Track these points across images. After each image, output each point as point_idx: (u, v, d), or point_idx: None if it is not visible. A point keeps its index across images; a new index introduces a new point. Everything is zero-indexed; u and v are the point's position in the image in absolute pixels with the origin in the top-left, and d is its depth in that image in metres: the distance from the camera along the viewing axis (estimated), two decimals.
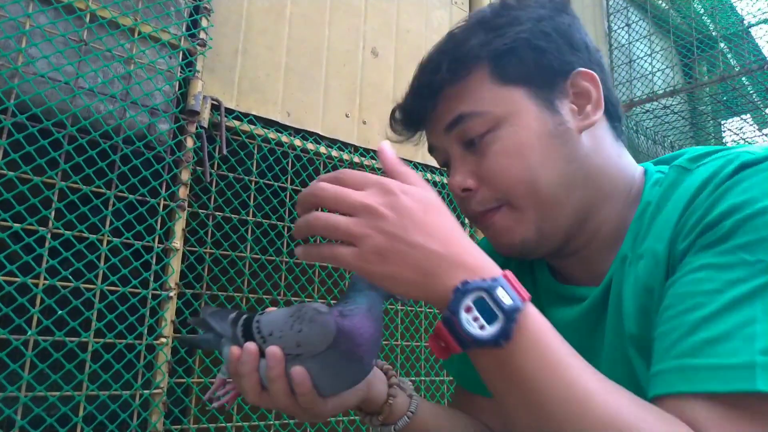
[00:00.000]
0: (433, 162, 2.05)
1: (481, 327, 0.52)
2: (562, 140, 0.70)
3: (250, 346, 0.66)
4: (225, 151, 1.48)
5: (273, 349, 0.64)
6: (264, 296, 1.55)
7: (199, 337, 0.79)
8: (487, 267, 0.55)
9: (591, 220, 0.73)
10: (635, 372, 0.66)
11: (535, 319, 0.54)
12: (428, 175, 2.03)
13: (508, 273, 0.55)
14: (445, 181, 2.08)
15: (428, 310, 1.94)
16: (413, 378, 1.86)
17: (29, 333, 1.14)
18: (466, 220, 2.05)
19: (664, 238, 0.64)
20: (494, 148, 0.70)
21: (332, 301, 1.20)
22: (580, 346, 0.72)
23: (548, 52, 0.71)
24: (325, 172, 1.71)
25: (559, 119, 0.71)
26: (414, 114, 0.78)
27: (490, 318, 0.52)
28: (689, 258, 0.60)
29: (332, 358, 0.63)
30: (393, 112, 0.81)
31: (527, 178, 0.69)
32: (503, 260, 0.89)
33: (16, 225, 1.14)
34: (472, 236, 2.10)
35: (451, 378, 1.94)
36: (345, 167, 1.79)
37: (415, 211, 0.55)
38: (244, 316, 0.72)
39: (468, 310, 0.53)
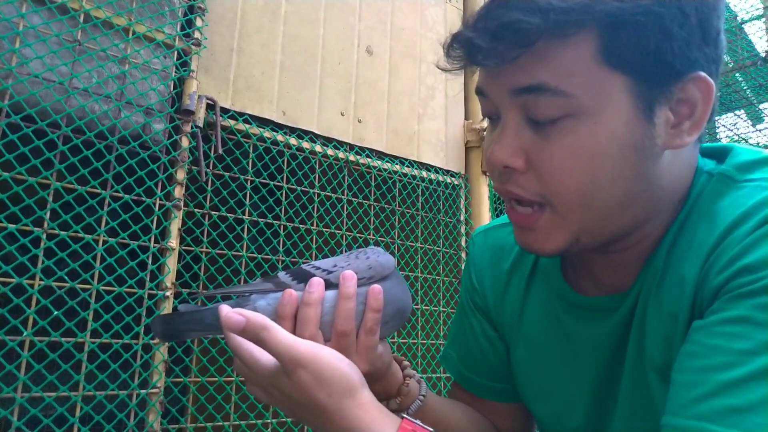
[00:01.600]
0: (428, 159, 2.06)
1: None
2: (642, 156, 0.59)
3: (315, 279, 0.69)
4: (220, 151, 1.48)
5: (349, 272, 0.69)
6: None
7: (186, 308, 0.76)
8: None
9: (637, 233, 0.66)
10: (652, 396, 0.63)
11: None
12: (424, 173, 2.03)
13: None
14: (441, 179, 2.08)
15: (425, 307, 1.95)
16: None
17: (25, 334, 1.13)
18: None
19: (696, 264, 0.59)
20: (564, 142, 0.58)
21: None
22: (603, 363, 0.72)
23: (676, 42, 0.56)
24: (320, 171, 1.72)
25: (650, 132, 0.58)
26: (478, 57, 0.59)
27: None
28: (723, 304, 0.54)
29: (395, 282, 0.72)
30: (453, 39, 0.61)
31: (586, 190, 0.59)
32: (515, 260, 0.85)
33: (12, 226, 1.14)
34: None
35: (447, 375, 1.95)
36: (340, 165, 1.79)
37: (289, 404, 0.61)
38: (282, 271, 0.75)
39: None
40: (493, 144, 0.62)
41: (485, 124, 2.17)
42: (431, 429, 0.59)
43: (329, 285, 0.69)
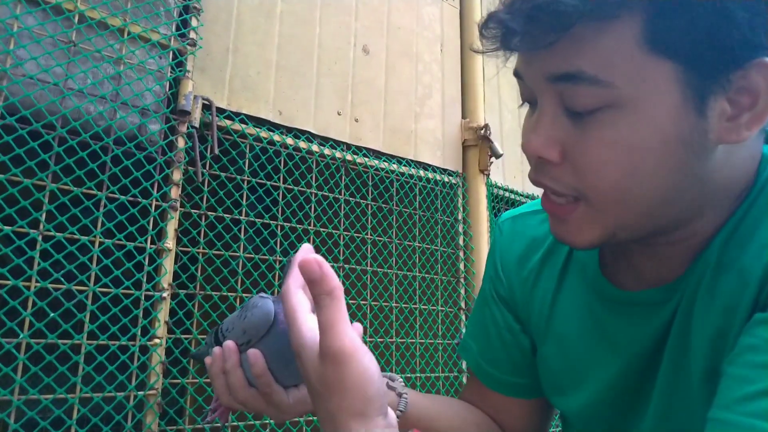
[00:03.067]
0: (426, 158, 2.06)
1: None
2: (690, 151, 0.53)
3: (215, 349, 0.71)
4: (216, 151, 1.48)
5: (227, 343, 0.69)
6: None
7: (200, 351, 0.83)
8: None
9: (686, 229, 0.61)
10: (692, 397, 0.61)
11: None
12: (421, 172, 2.03)
13: None
14: (438, 178, 2.08)
15: (423, 306, 1.94)
16: (408, 374, 1.87)
17: (21, 336, 1.13)
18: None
19: (763, 255, 0.55)
20: (602, 134, 0.54)
21: None
22: (639, 360, 0.68)
23: (736, 24, 0.49)
24: (317, 171, 1.72)
25: (701, 126, 0.52)
26: (513, 38, 0.54)
27: None
28: None
29: (278, 339, 0.66)
30: (488, 18, 0.55)
31: (624, 185, 0.54)
32: (547, 251, 0.80)
33: (7, 228, 1.14)
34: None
35: (446, 375, 1.95)
36: (338, 165, 1.79)
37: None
38: (216, 327, 0.76)
39: None
40: (529, 133, 0.58)
41: (482, 122, 2.17)
42: None
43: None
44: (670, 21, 0.49)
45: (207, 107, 1.51)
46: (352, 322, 0.55)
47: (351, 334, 0.51)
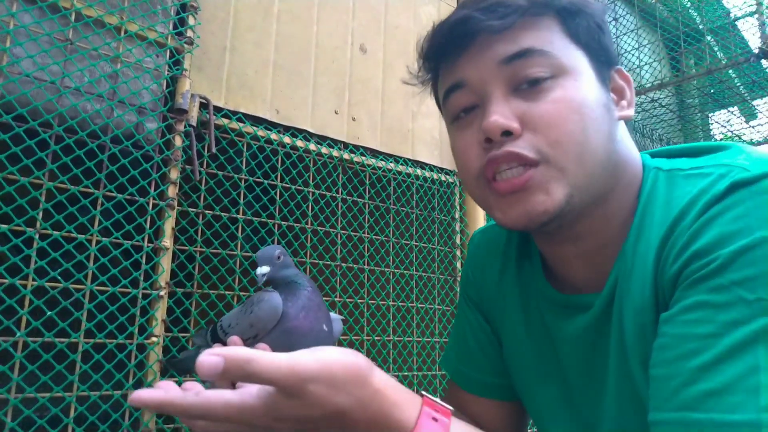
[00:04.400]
0: (423, 157, 2.06)
1: None
2: (609, 117, 0.67)
3: (215, 347, 0.68)
4: (214, 150, 1.48)
5: (233, 338, 0.68)
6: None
7: (184, 355, 0.82)
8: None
9: (601, 208, 0.69)
10: (637, 388, 0.64)
11: None
12: (418, 171, 2.03)
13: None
14: (435, 177, 2.08)
15: (419, 305, 1.95)
16: (406, 373, 1.87)
17: (18, 334, 1.13)
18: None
19: (651, 255, 0.63)
20: (555, 95, 0.64)
21: None
22: (585, 360, 0.73)
23: (606, 36, 0.70)
24: (314, 170, 1.72)
25: (608, 97, 0.69)
26: (477, 27, 0.66)
27: None
28: (682, 292, 0.57)
29: (286, 334, 0.66)
30: (440, 25, 0.71)
31: (579, 138, 0.64)
32: (502, 257, 0.87)
33: (4, 226, 1.13)
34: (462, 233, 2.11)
35: (443, 373, 1.95)
36: (335, 164, 1.79)
37: (301, 428, 0.52)
38: (212, 326, 0.75)
39: None
40: (488, 116, 0.65)
41: None
42: (451, 408, 0.57)
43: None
44: (577, 23, 0.67)
45: (204, 106, 1.51)
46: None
47: (291, 358, 0.50)
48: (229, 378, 0.50)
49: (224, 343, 0.69)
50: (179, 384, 0.54)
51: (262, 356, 0.48)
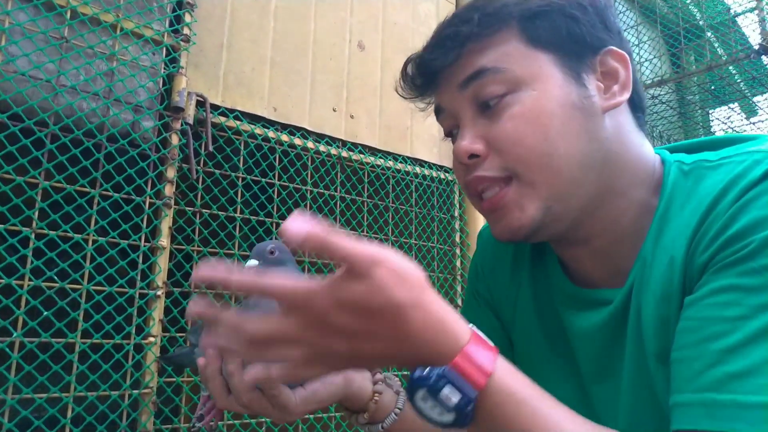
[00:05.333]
0: (422, 155, 2.05)
1: (441, 413, 0.51)
2: (585, 114, 0.66)
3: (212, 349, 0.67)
4: (211, 148, 1.47)
5: None
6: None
7: (178, 351, 0.80)
8: (437, 358, 0.51)
9: (605, 209, 0.68)
10: (653, 383, 0.64)
11: (500, 395, 0.52)
12: (417, 169, 2.02)
13: (463, 355, 0.51)
14: (434, 174, 2.08)
15: None
16: (405, 372, 1.86)
17: (15, 335, 1.12)
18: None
19: (682, 244, 0.61)
20: (511, 111, 0.65)
21: None
22: (601, 356, 0.72)
23: (582, 23, 0.67)
24: (313, 168, 1.71)
25: (584, 92, 0.66)
26: (430, 66, 0.71)
27: (447, 408, 0.51)
28: (710, 276, 0.56)
29: None
30: (405, 65, 0.76)
31: (543, 149, 0.64)
32: (513, 254, 0.86)
33: None
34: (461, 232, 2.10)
35: None
36: (333, 162, 1.78)
37: (356, 328, 0.49)
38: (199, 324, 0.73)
39: (425, 399, 0.51)
40: (458, 141, 0.69)
41: None
42: (495, 346, 0.55)
43: None
44: (538, 26, 0.67)
45: (201, 104, 1.50)
46: None
47: (358, 243, 0.49)
48: (307, 247, 0.47)
49: None
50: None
51: (339, 233, 0.48)
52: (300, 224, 0.46)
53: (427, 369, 0.51)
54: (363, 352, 0.50)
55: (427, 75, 0.73)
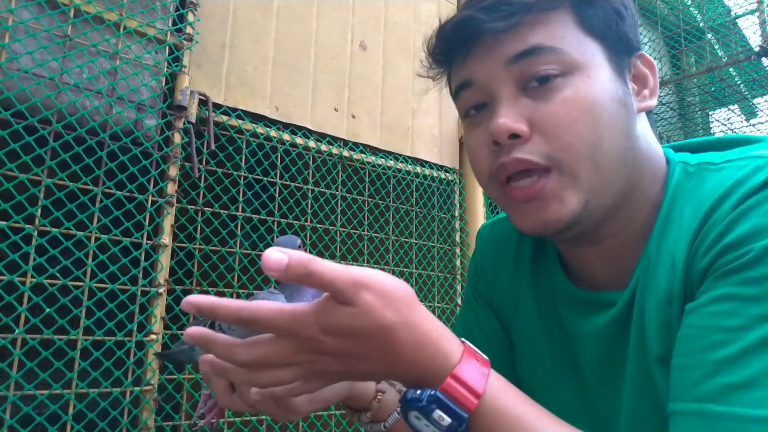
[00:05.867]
0: (422, 155, 2.06)
1: (435, 431, 0.52)
2: (627, 112, 0.64)
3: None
4: (213, 147, 1.47)
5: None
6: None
7: (176, 348, 0.79)
8: (429, 377, 0.52)
9: (627, 207, 0.67)
10: (656, 386, 0.63)
11: (493, 414, 0.53)
12: (418, 169, 2.03)
13: (452, 378, 0.52)
14: (435, 174, 2.08)
15: None
16: None
17: (17, 331, 1.13)
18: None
19: (683, 246, 0.60)
20: (565, 94, 0.62)
21: None
22: (603, 358, 0.71)
23: (626, 22, 0.66)
24: (314, 167, 1.72)
25: (626, 91, 0.65)
26: (478, 28, 0.64)
27: (438, 428, 0.52)
28: (710, 283, 0.56)
29: None
30: (442, 27, 0.68)
31: (592, 139, 0.61)
32: (514, 254, 0.85)
33: (2, 223, 1.13)
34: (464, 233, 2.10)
35: None
36: (334, 161, 1.79)
37: (346, 350, 0.50)
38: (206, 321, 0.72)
39: (418, 418, 0.52)
40: (495, 118, 0.63)
41: None
42: (487, 358, 0.56)
43: None
44: (591, 13, 0.64)
45: (203, 103, 1.51)
46: None
47: (345, 267, 0.49)
48: (288, 277, 0.47)
49: None
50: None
51: (321, 260, 0.48)
52: (279, 256, 0.46)
53: (419, 391, 0.52)
54: (357, 369, 0.51)
55: (468, 38, 0.66)
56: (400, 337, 0.50)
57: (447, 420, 0.51)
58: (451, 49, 0.69)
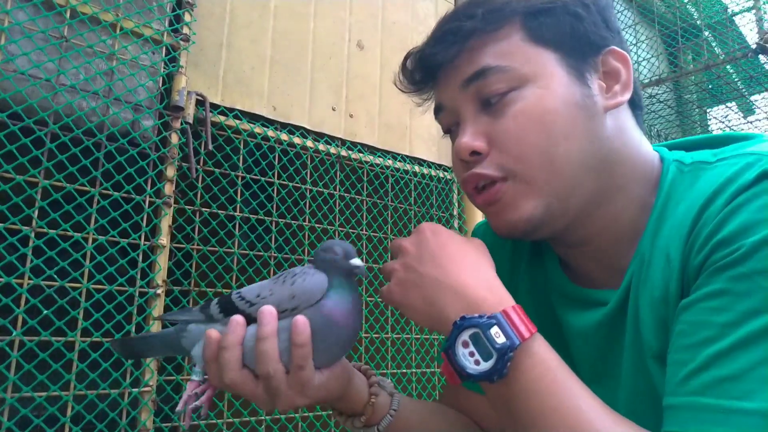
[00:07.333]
0: (421, 154, 2.05)
1: (477, 362, 0.54)
2: (587, 114, 0.66)
3: (237, 317, 0.66)
4: (211, 147, 1.47)
5: (266, 308, 0.64)
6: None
7: (147, 335, 0.76)
8: (490, 302, 0.57)
9: (604, 208, 0.68)
10: (654, 383, 0.64)
11: (535, 356, 0.56)
12: (416, 168, 2.03)
13: (512, 309, 0.57)
14: (433, 173, 2.08)
15: None
16: (404, 370, 1.87)
17: (14, 333, 1.13)
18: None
19: (678, 243, 0.61)
20: (515, 109, 0.65)
21: None
22: (598, 356, 0.72)
23: (585, 22, 0.67)
24: (312, 167, 1.71)
25: (587, 91, 0.66)
26: (431, 61, 0.70)
27: (485, 355, 0.54)
28: (704, 279, 0.57)
29: (324, 314, 0.64)
30: (406, 58, 0.75)
31: (545, 147, 0.64)
32: (511, 250, 0.86)
33: None
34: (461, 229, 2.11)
35: (441, 371, 1.95)
36: (332, 161, 1.79)
37: (433, 245, 0.61)
38: (216, 298, 0.72)
39: (465, 344, 0.55)
40: (459, 137, 0.68)
41: None
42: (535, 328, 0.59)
43: (252, 319, 0.65)
44: (541, 24, 0.66)
45: (200, 103, 1.50)
46: None
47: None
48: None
49: (246, 315, 0.66)
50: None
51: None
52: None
53: (475, 315, 0.56)
54: (430, 276, 0.61)
55: (427, 70, 0.72)
56: (476, 265, 0.63)
57: (502, 338, 0.55)
58: (420, 81, 0.74)
